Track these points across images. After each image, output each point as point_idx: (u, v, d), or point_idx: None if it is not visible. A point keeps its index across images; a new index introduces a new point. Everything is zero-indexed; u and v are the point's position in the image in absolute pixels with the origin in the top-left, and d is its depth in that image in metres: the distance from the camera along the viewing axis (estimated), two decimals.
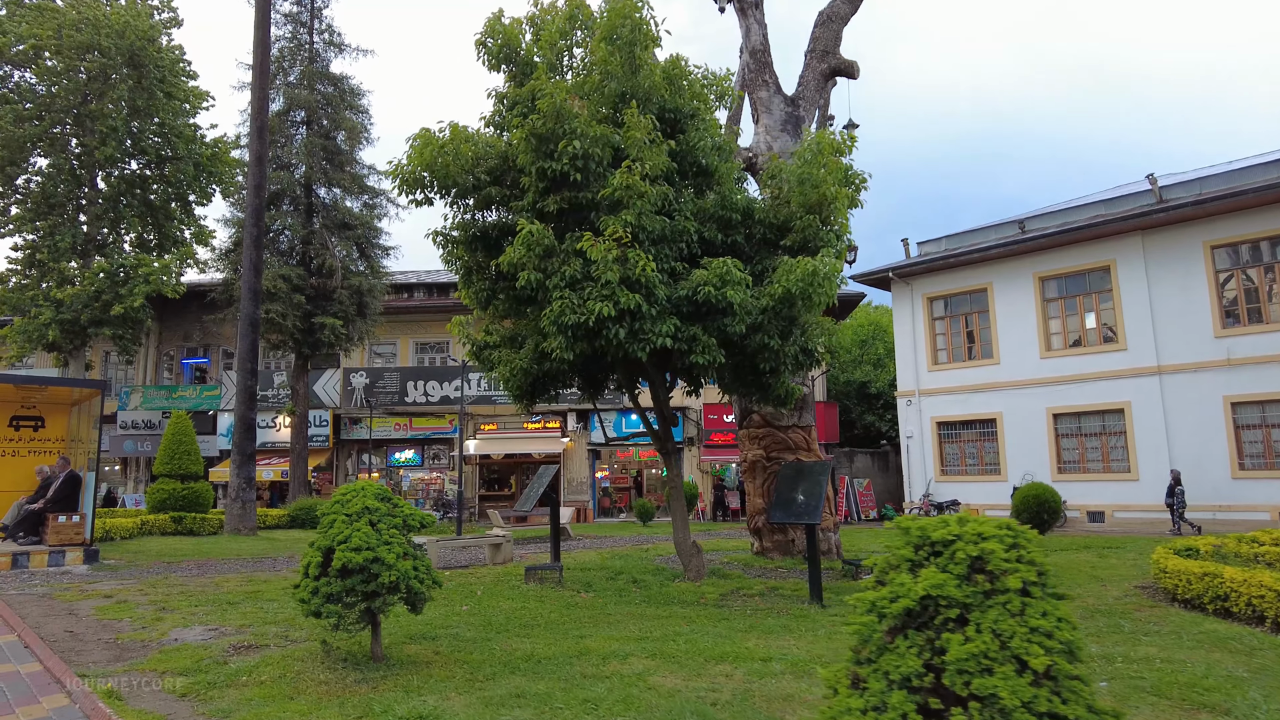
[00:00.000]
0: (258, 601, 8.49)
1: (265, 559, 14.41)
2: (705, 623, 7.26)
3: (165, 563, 13.48)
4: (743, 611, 8.08)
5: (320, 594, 4.93)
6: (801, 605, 8.53)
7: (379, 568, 4.98)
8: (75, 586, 9.97)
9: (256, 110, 21.03)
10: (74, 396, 14.93)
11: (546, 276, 8.01)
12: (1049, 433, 25.80)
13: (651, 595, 9.11)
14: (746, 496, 12.87)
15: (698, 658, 5.65)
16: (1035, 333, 26.34)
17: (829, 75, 13.49)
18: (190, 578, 11.14)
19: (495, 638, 6.46)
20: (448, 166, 8.75)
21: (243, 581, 10.43)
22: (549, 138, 8.40)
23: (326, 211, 27.01)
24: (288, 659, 5.49)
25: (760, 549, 12.43)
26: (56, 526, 12.96)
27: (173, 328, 34.77)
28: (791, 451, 12.31)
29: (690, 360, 8.09)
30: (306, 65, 27.36)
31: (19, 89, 28.77)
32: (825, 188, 8.95)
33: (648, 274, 7.70)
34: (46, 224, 28.55)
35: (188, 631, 6.84)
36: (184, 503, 20.21)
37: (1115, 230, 24.24)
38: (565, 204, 8.41)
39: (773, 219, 9.29)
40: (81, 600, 8.83)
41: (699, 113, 9.45)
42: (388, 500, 5.41)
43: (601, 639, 6.32)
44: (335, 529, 5.12)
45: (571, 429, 33.39)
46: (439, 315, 34.31)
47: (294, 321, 24.48)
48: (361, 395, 31.37)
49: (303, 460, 26.14)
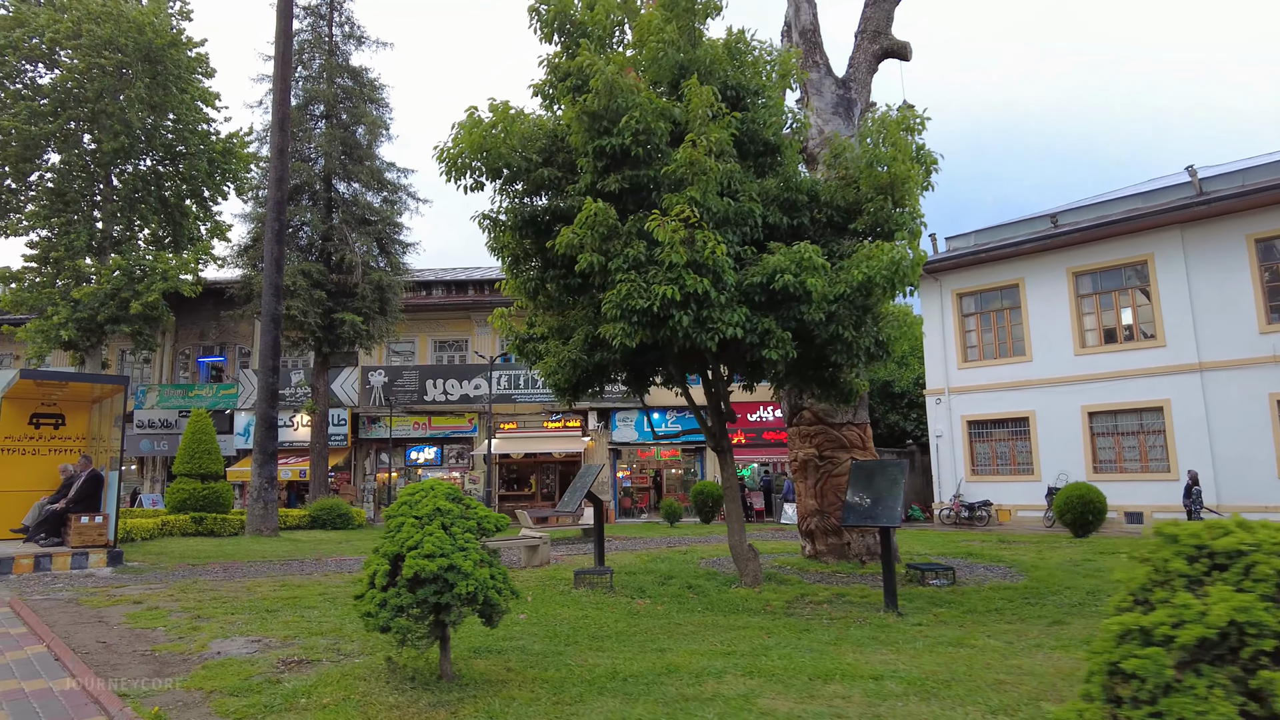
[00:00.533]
0: (297, 609, 7.97)
1: (292, 561, 13.92)
2: (786, 634, 6.69)
3: (190, 565, 12.99)
4: (818, 621, 7.51)
5: (389, 606, 4.38)
6: (877, 613, 7.96)
7: (455, 577, 4.43)
8: (102, 591, 9.47)
9: (278, 101, 20.57)
10: (94, 394, 14.46)
11: (608, 259, 7.46)
12: (1084, 431, 25.11)
13: (712, 602, 8.55)
14: (797, 497, 12.30)
15: (800, 675, 5.08)
16: (1069, 329, 25.65)
17: (880, 56, 12.90)
18: (219, 581, 10.64)
19: (566, 651, 5.90)
20: (498, 148, 8.21)
21: (275, 586, 9.91)
22: (603, 114, 7.86)
23: (346, 206, 26.56)
24: (347, 677, 4.95)
25: (813, 552, 11.84)
26: (79, 527, 12.49)
27: (189, 326, 34.39)
28: (846, 450, 11.73)
29: (762, 355, 7.51)
30: (326, 58, 26.92)
31: (34, 86, 28.45)
32: (897, 167, 8.38)
33: (717, 256, 7.14)
34: (61, 221, 28.21)
35: (229, 643, 6.30)
36: (204, 503, 19.74)
37: (1153, 224, 23.55)
38: (626, 183, 7.85)
39: (841, 201, 8.72)
40: (110, 606, 8.33)
41: (764, 89, 8.88)
42: (459, 501, 4.86)
43: (684, 653, 5.76)
44: (404, 533, 4.57)
45: (592, 428, 32.85)
46: (458, 313, 33.87)
47: (314, 318, 24.00)
48: (380, 394, 30.91)
49: (323, 459, 25.68)
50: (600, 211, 7.37)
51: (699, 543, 17.37)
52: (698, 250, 7.10)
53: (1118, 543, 16.47)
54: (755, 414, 32.28)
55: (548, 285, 8.85)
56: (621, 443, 32.91)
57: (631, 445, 33.10)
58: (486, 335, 34.00)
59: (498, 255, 9.27)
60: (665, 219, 7.12)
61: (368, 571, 4.61)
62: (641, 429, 32.68)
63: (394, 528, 4.66)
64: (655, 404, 32.70)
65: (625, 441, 32.86)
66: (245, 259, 26.34)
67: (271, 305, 19.55)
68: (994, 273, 27.38)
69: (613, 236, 7.49)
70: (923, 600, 8.75)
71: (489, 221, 8.92)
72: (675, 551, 14.65)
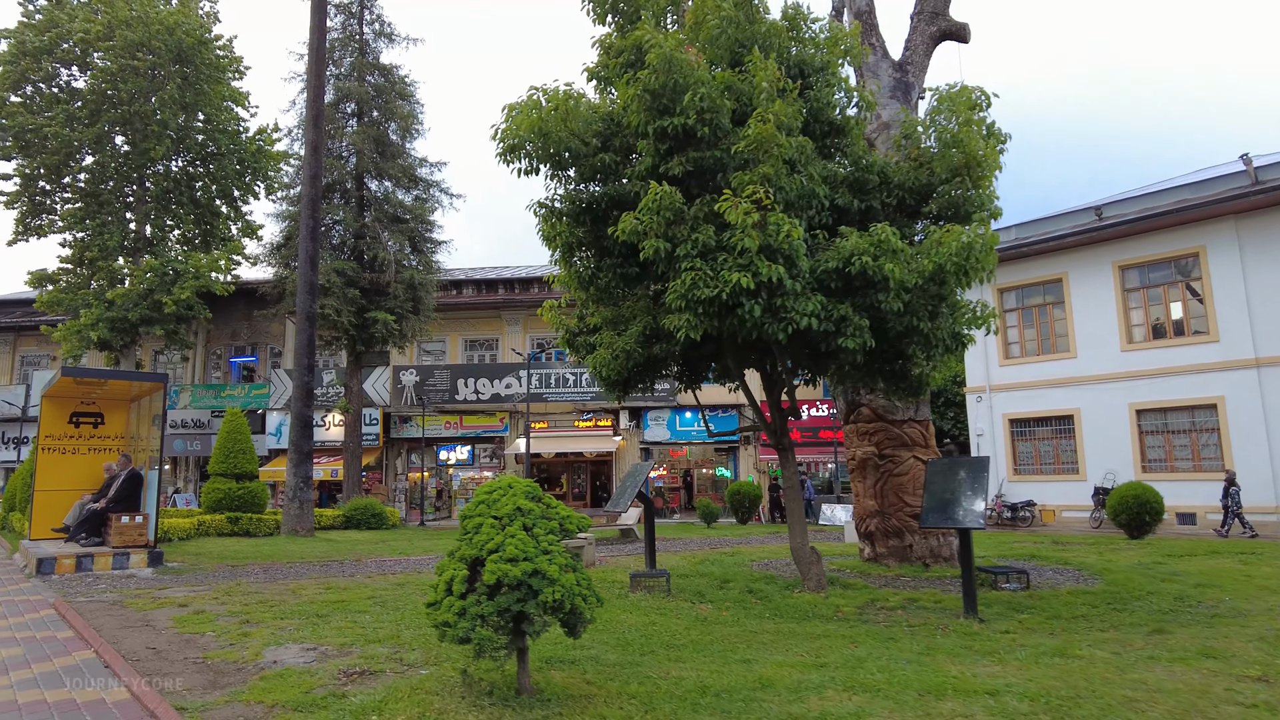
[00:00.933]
0: (347, 613, 7.64)
1: (331, 562, 13.66)
2: (871, 643, 6.25)
3: (230, 566, 12.77)
4: (898, 628, 7.06)
5: (469, 615, 4.00)
6: (957, 620, 7.49)
7: (540, 583, 4.05)
8: (145, 593, 9.23)
9: (312, 98, 20.40)
10: (133, 392, 14.31)
11: (674, 246, 7.05)
12: (1132, 430, 24.32)
13: (779, 608, 8.12)
14: (854, 498, 11.83)
15: (907, 691, 4.65)
16: (1115, 324, 24.87)
17: (938, 39, 12.40)
18: (262, 584, 10.37)
19: (644, 661, 5.51)
20: (556, 131, 7.84)
21: (320, 589, 9.62)
22: (662, 93, 7.46)
23: (378, 204, 26.39)
24: (418, 692, 4.58)
25: (872, 555, 11.36)
26: (119, 527, 12.31)
27: (221, 326, 34.48)
28: (907, 448, 11.24)
29: (837, 344, 7.06)
30: (357, 56, 26.79)
31: (68, 89, 28.61)
32: (971, 147, 7.91)
33: (792, 240, 6.71)
34: (95, 222, 28.36)
35: (283, 651, 5.98)
36: (240, 503, 19.61)
37: (1206, 215, 22.73)
38: (690, 165, 7.44)
39: (913, 183, 8.26)
40: (155, 609, 8.06)
41: (827, 65, 8.44)
42: (539, 500, 4.48)
43: (772, 665, 5.34)
44: (483, 535, 4.19)
45: (624, 427, 32.47)
46: (488, 312, 33.65)
47: (348, 317, 23.84)
48: (412, 393, 30.76)
49: (356, 459, 25.52)
50: (666, 195, 6.96)
51: (741, 544, 16.94)
52: (770, 234, 6.68)
53: (1177, 544, 15.79)
54: None
55: (602, 275, 8.46)
56: (653, 442, 32.49)
57: (663, 444, 32.67)
58: (517, 334, 33.76)
59: (550, 245, 8.90)
60: (738, 199, 6.70)
61: (443, 577, 4.23)
62: (674, 429, 32.25)
63: (471, 529, 4.29)
64: (682, 405, 32.28)
65: (656, 441, 32.44)
66: (278, 257, 26.25)
67: (306, 303, 19.37)
68: (1036, 267, 26.65)
69: (678, 222, 7.09)
70: (1001, 605, 8.27)
71: (544, 209, 8.55)
72: (721, 553, 14.22)
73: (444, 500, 32.82)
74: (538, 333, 33.96)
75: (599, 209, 8.21)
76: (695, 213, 7.18)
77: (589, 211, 8.23)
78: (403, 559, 14.32)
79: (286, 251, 25.66)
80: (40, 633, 7.13)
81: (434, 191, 27.53)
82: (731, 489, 26.24)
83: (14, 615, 8.13)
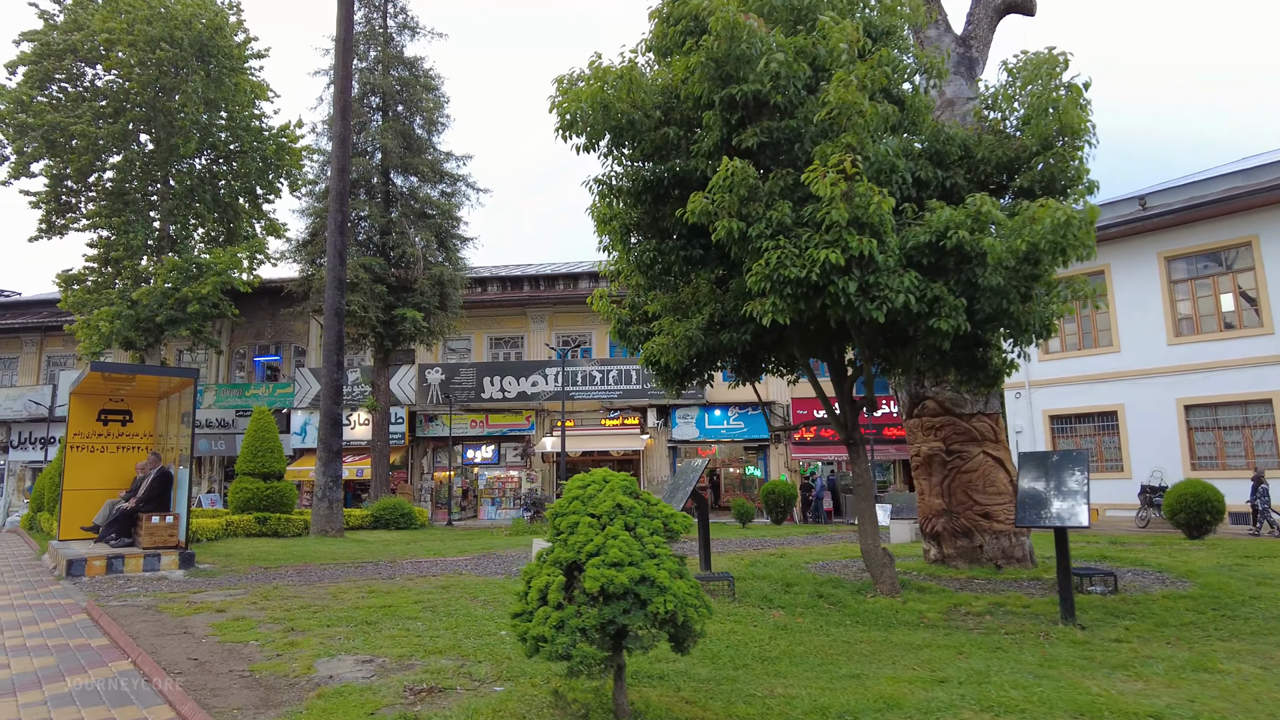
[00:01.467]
0: (397, 620, 7.13)
1: (365, 564, 13.20)
2: (979, 653, 5.66)
3: (262, 568, 12.33)
4: (996, 635, 6.45)
5: (568, 629, 3.46)
6: (1055, 626, 6.88)
7: (649, 591, 3.50)
8: (180, 597, 8.77)
9: (340, 89, 19.98)
10: (161, 388, 13.92)
11: (748, 224, 6.48)
12: (1180, 426, 23.48)
13: (856, 613, 7.53)
14: (919, 496, 11.22)
15: (1056, 713, 4.06)
16: (1161, 317, 24.02)
17: (1002, 11, 11.77)
18: (298, 587, 9.90)
19: (740, 677, 4.95)
20: (617, 104, 7.29)
21: (361, 593, 9.12)
22: (726, 60, 6.90)
23: (404, 200, 25.98)
24: (500, 714, 4.04)
25: (939, 556, 10.74)
26: (150, 528, 11.90)
27: (245, 326, 34.25)
28: (976, 443, 10.61)
29: (928, 326, 6.46)
30: (382, 49, 26.40)
31: (92, 87, 28.46)
32: (1069, 113, 7.29)
33: (881, 213, 6.13)
34: (120, 220, 28.18)
35: (337, 663, 5.46)
36: (268, 503, 19.23)
37: (1257, 203, 21.88)
38: (765, 136, 6.86)
39: (999, 156, 7.65)
40: (192, 615, 7.59)
41: (894, 30, 7.85)
42: (637, 495, 3.93)
43: (886, 680, 4.76)
44: (580, 536, 3.65)
45: (651, 426, 31.91)
46: (513, 310, 33.20)
47: (375, 313, 23.43)
48: (437, 392, 30.37)
49: (384, 458, 25.12)
50: (739, 171, 6.39)
51: (784, 544, 16.34)
52: (859, 206, 6.10)
53: (1248, 545, 15.02)
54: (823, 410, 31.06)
55: (663, 259, 7.90)
56: (681, 440, 31.92)
57: (691, 443, 32.07)
58: (542, 331, 33.30)
59: (603, 229, 8.35)
60: (824, 169, 6.12)
61: (535, 583, 3.68)
62: (703, 428, 31.66)
63: (565, 528, 3.74)
64: (710, 402, 31.68)
65: (685, 439, 31.85)
66: (304, 254, 25.89)
67: (335, 299, 18.96)
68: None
69: (752, 199, 6.51)
70: (1096, 611, 7.63)
71: (602, 186, 8.01)
72: (769, 555, 13.63)
73: (470, 500, 32.41)
74: (563, 330, 33.49)
75: (661, 187, 7.65)
76: (770, 189, 6.61)
77: (651, 189, 7.68)
78: (439, 560, 13.84)
79: (312, 248, 25.31)
80: (73, 640, 6.67)
81: (460, 186, 27.10)
82: (766, 488, 25.61)
83: (45, 620, 7.69)
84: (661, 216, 7.90)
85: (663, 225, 7.88)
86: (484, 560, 13.65)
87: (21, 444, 35.19)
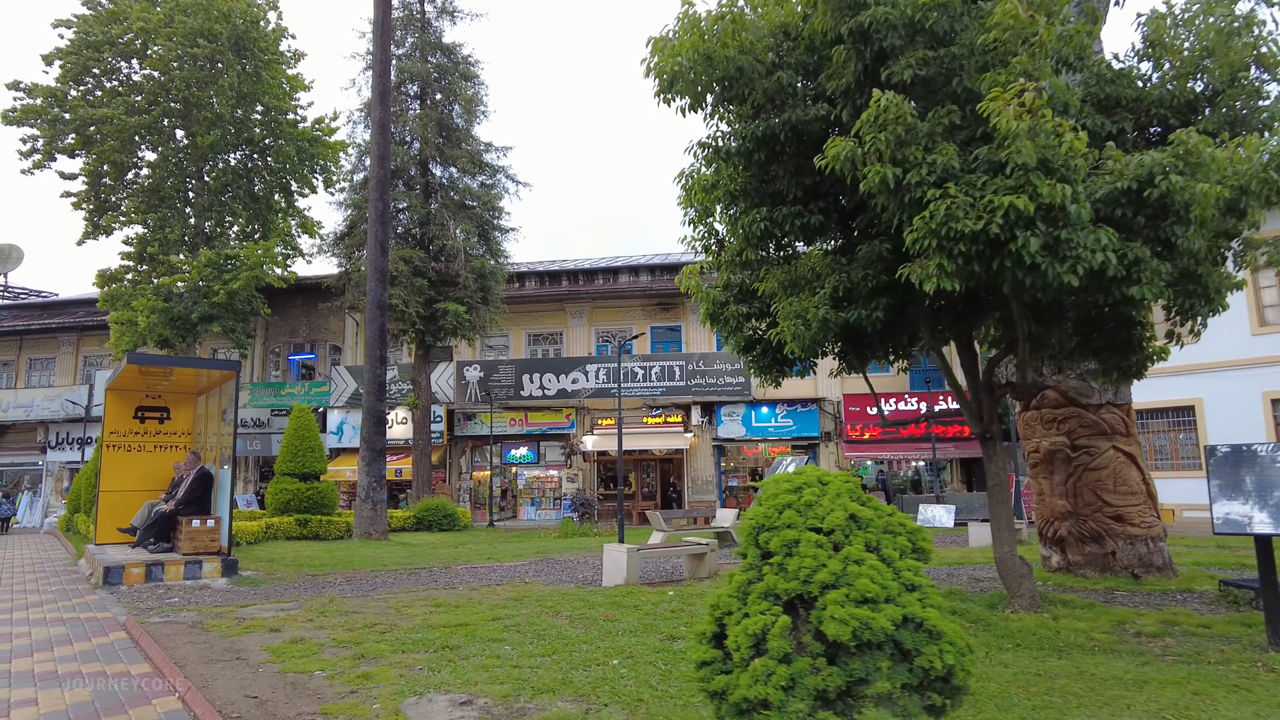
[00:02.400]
0: (480, 642, 6.12)
1: (418, 570, 12.27)
2: (1217, 692, 4.54)
3: (310, 576, 11.43)
4: (1209, 666, 5.31)
5: (802, 690, 2.42)
6: (1266, 653, 5.72)
7: (916, 639, 2.45)
8: (226, 611, 7.85)
9: (379, 73, 19.14)
10: (200, 383, 13.10)
11: (904, 171, 5.40)
12: (1267, 421, 21.94)
13: (1009, 634, 6.40)
14: (1038, 496, 10.05)
15: None
16: (1245, 305, 22.47)
17: None
18: (355, 599, 8.95)
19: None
20: (724, 51, 6.23)
21: (427, 606, 8.15)
22: None
23: (443, 191, 25.10)
24: None
25: (1063, 563, 9.55)
26: (190, 532, 11.04)
27: (279, 324, 33.69)
28: (1105, 437, 9.42)
29: (1127, 293, 5.33)
30: (419, 35, 25.55)
31: (128, 81, 28.01)
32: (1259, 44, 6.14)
33: (1076, 152, 5.02)
34: (156, 217, 27.70)
35: (428, 705, 4.46)
36: (308, 504, 18.43)
37: None
38: (923, 68, 5.74)
39: (1178, 98, 6.50)
40: (243, 634, 6.65)
41: None
42: (865, 501, 2.88)
43: None
44: (804, 560, 2.60)
45: (694, 423, 30.80)
46: (552, 305, 32.26)
47: (416, 307, 22.55)
48: (475, 389, 29.52)
49: (426, 457, 24.26)
50: (894, 105, 5.30)
51: None
52: (1045, 146, 5.00)
53: None
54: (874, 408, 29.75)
55: (776, 228, 6.80)
56: (726, 439, 30.75)
57: (737, 442, 30.92)
58: (582, 327, 32.33)
59: (702, 199, 7.26)
60: (1006, 97, 5.02)
61: (746, 626, 2.63)
62: (749, 424, 30.51)
63: (778, 548, 2.69)
64: (757, 399, 30.51)
65: (731, 438, 30.68)
66: (341, 248, 25.10)
67: (377, 291, 18.10)
68: None
69: (909, 141, 5.43)
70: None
71: (708, 149, 6.96)
72: None
73: (508, 500, 31.53)
74: (603, 325, 32.51)
75: (775, 143, 6.56)
76: (929, 128, 5.50)
77: (764, 145, 6.59)
78: (495, 565, 12.88)
79: (350, 241, 24.52)
80: (111, 666, 5.75)
81: (500, 178, 26.17)
82: None
83: (80, 639, 6.79)
84: (773, 178, 6.83)
85: (775, 188, 6.81)
86: (544, 566, 12.67)
87: (59, 445, 34.91)
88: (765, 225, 6.71)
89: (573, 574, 11.55)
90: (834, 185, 6.64)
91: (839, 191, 6.77)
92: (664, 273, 33.01)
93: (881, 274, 6.29)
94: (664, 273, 33.01)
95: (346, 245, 24.77)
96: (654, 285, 32.33)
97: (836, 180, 6.19)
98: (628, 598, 8.51)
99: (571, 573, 11.72)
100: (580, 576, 11.19)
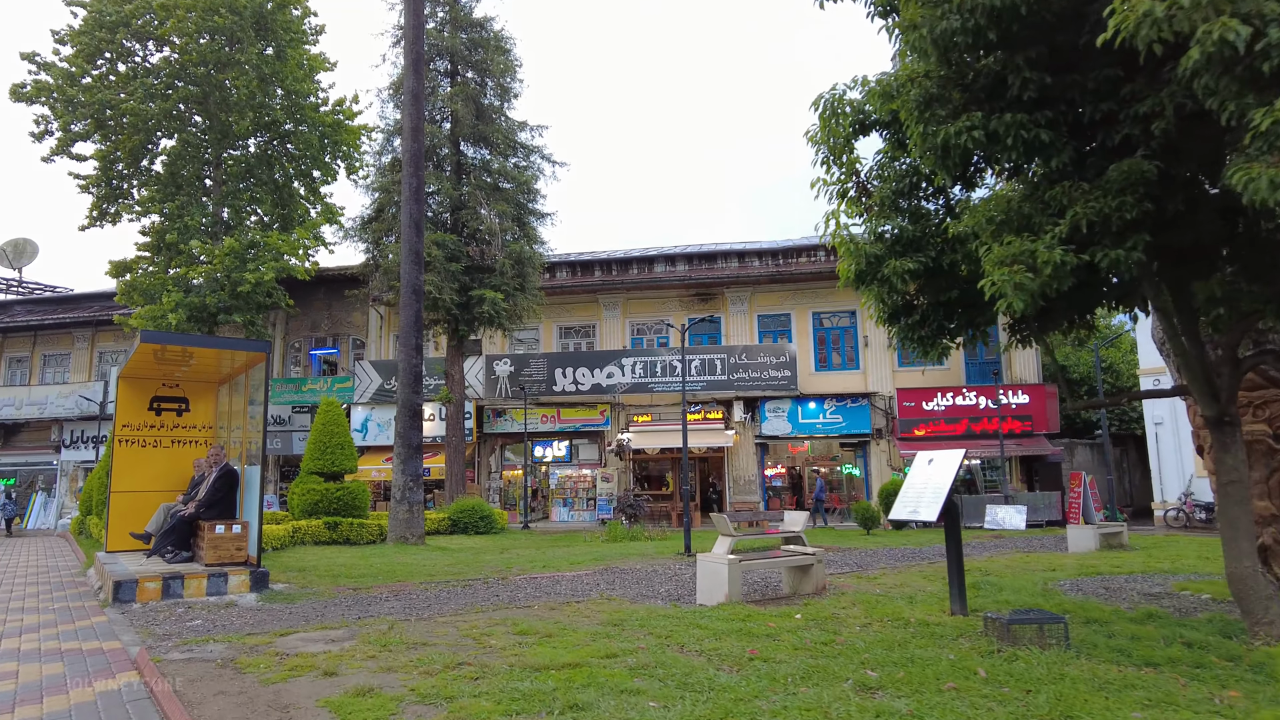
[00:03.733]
0: (611, 694, 4.56)
1: (472, 582, 10.75)
2: None
3: (352, 590, 9.92)
4: None
5: None
6: None
7: None
8: (263, 643, 6.30)
9: (411, 40, 17.66)
10: (224, 370, 11.62)
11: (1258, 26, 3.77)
12: None
13: (1273, 674, 4.82)
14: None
15: None
16: None
17: None
18: (414, 622, 7.40)
19: None
20: None
21: (509, 634, 6.60)
22: None
23: (476, 173, 23.60)
24: None
25: (1273, 578, 7.91)
26: (213, 539, 9.54)
27: (300, 318, 32.34)
28: None
29: None
30: (450, 8, 24.08)
31: (144, 66, 26.72)
32: None
33: None
34: (174, 205, 26.39)
35: None
36: (337, 505, 16.97)
37: None
38: None
39: None
40: (288, 679, 5.10)
41: None
42: None
43: None
44: None
45: (736, 420, 29.20)
46: (584, 296, 30.75)
47: (450, 295, 21.05)
48: (506, 384, 28.04)
49: (459, 454, 22.77)
50: None
51: (939, 558, 13.49)
52: None
53: None
54: (930, 403, 28.12)
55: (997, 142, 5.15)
56: (770, 436, 29.16)
57: (782, 439, 29.30)
58: (615, 319, 30.80)
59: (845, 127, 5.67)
60: None
61: None
62: (795, 421, 28.87)
63: None
64: (803, 394, 28.85)
65: (775, 435, 29.08)
66: (368, 233, 23.62)
67: (412, 274, 16.61)
68: None
69: None
70: None
71: (916, 34, 5.35)
72: (939, 569, 10.86)
73: (539, 500, 30.04)
74: (638, 317, 30.97)
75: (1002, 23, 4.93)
76: None
77: (996, 23, 4.92)
78: (557, 576, 11.34)
79: (378, 226, 23.05)
80: None
81: (534, 159, 24.65)
82: (884, 489, 22.72)
83: (79, 681, 5.28)
84: (988, 75, 5.20)
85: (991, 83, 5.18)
86: (613, 577, 11.12)
87: (73, 443, 33.75)
88: (978, 136, 5.10)
89: (652, 587, 9.99)
90: (1070, 87, 5.03)
91: (1074, 94, 5.14)
92: (701, 262, 31.45)
93: (1144, 200, 4.68)
94: (701, 262, 31.45)
95: (374, 229, 23.32)
96: (692, 275, 30.77)
97: (1075, 81, 4.59)
98: (749, 622, 6.94)
99: (649, 585, 10.16)
100: (664, 591, 9.62)
